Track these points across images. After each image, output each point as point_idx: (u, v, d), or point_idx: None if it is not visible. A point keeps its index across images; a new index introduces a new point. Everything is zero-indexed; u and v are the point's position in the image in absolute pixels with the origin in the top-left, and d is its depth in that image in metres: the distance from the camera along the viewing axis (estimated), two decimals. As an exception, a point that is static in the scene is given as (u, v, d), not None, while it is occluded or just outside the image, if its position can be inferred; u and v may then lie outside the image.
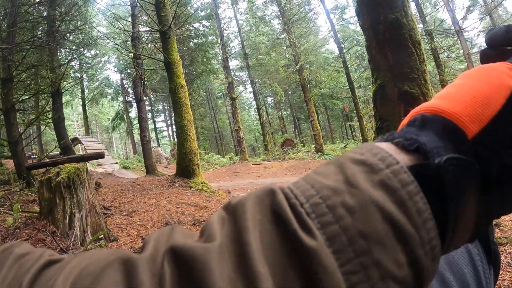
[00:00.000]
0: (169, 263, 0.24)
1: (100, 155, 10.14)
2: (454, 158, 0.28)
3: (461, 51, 18.45)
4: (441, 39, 21.14)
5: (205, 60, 26.48)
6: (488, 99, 0.31)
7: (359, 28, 24.69)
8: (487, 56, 0.46)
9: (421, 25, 18.07)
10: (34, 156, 16.52)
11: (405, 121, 0.35)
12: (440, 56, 18.64)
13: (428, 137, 0.30)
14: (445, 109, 0.31)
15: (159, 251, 0.25)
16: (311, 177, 0.29)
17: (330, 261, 0.23)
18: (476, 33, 22.48)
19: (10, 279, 0.26)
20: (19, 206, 5.17)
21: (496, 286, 2.45)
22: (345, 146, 24.92)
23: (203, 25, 27.37)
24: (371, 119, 24.19)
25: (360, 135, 23.56)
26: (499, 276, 2.50)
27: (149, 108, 35.52)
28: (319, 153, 21.49)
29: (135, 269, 0.24)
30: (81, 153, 21.78)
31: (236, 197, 0.29)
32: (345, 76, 23.48)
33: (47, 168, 5.63)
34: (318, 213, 0.25)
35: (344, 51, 24.22)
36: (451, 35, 19.69)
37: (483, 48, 0.47)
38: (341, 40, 24.91)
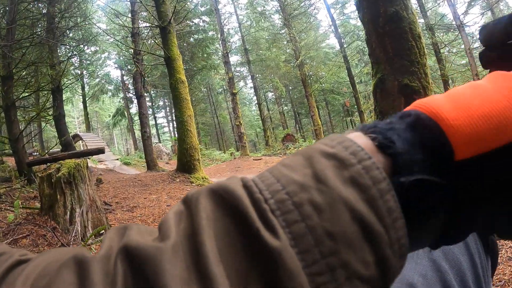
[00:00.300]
0: (122, 262, 0.23)
1: (100, 150, 10.15)
2: (424, 180, 0.26)
3: (462, 46, 18.38)
4: (442, 34, 21.09)
5: (205, 55, 26.42)
6: (503, 123, 0.26)
7: (360, 23, 24.64)
8: (489, 60, 0.40)
9: (422, 20, 18.02)
10: (35, 153, 16.53)
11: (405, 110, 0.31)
12: (441, 51, 18.60)
13: (408, 145, 0.28)
14: (445, 117, 0.27)
15: (113, 250, 0.25)
16: (277, 169, 0.27)
17: (294, 263, 0.22)
18: (477, 28, 22.34)
19: None
20: (20, 203, 5.18)
21: (496, 280, 2.45)
22: (346, 141, 24.88)
23: (203, 21, 27.28)
24: (372, 114, 24.16)
25: (361, 130, 23.46)
26: (500, 270, 2.50)
27: (150, 104, 35.46)
28: (320, 148, 21.45)
29: (88, 269, 0.23)
30: (82, 149, 21.82)
31: (194, 191, 0.28)
32: (346, 71, 23.44)
33: (48, 164, 5.64)
34: (283, 210, 0.24)
35: (345, 46, 24.14)
36: (452, 30, 19.64)
37: (482, 49, 0.41)
38: (341, 35, 24.85)
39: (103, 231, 4.81)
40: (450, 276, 0.61)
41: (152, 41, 17.01)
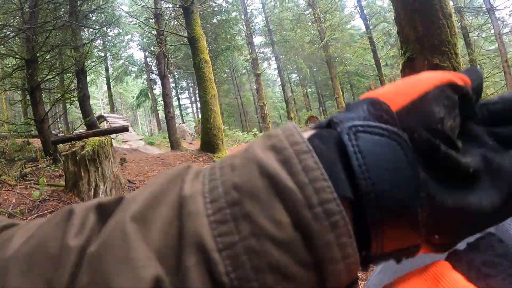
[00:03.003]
0: (93, 213, 0.27)
1: (125, 128, 10.26)
2: (364, 125, 0.27)
3: (492, 31, 17.75)
4: (471, 18, 20.45)
5: (228, 36, 26.27)
6: (415, 83, 0.31)
7: (386, 4, 24.22)
8: None
9: (451, 2, 17.46)
10: (61, 134, 16.84)
11: None
12: (470, 35, 18.02)
13: (345, 114, 0.29)
14: (374, 94, 0.31)
15: (91, 205, 0.28)
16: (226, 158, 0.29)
17: (201, 207, 0.24)
18: (508, 12, 21.66)
19: None
20: (45, 180, 5.28)
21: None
22: (370, 124, 24.54)
23: (226, 1, 27.08)
24: (397, 96, 23.62)
25: (386, 113, 23.15)
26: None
27: (173, 85, 35.64)
28: (344, 130, 21.24)
29: (72, 213, 0.27)
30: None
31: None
32: (372, 53, 23.00)
33: (72, 142, 5.71)
34: (211, 178, 0.26)
35: (371, 27, 23.65)
36: (481, 14, 19.01)
37: None
38: (367, 16, 24.30)
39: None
40: None
41: (175, 22, 16.99)
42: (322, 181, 0.24)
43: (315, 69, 37.35)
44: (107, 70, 30.23)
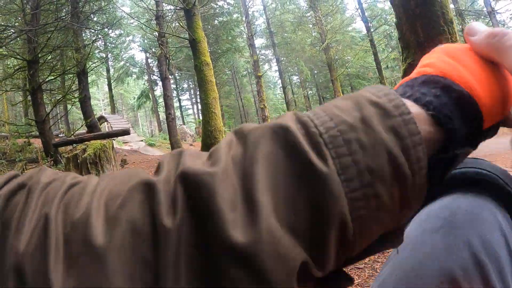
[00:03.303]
0: (180, 186, 0.27)
1: (125, 132, 10.28)
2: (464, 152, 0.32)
3: (493, 34, 17.75)
4: (472, 20, 20.43)
5: (230, 38, 26.29)
6: (506, 106, 0.34)
7: (387, 7, 24.21)
8: None
9: (452, 5, 17.49)
10: (61, 135, 16.86)
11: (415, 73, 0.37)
12: (471, 38, 18.02)
13: (459, 122, 0.33)
14: (479, 95, 0.33)
15: (171, 174, 0.29)
16: (329, 109, 0.31)
17: (339, 187, 0.27)
18: (509, 16, 21.70)
19: (41, 205, 0.29)
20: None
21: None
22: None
23: (228, 3, 27.09)
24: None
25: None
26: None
27: (174, 86, 35.67)
28: (344, 133, 21.20)
29: (154, 190, 0.27)
30: (107, 130, 22.12)
31: (249, 125, 0.32)
32: (373, 56, 23.02)
33: (74, 145, 5.73)
34: (335, 144, 0.28)
35: (372, 30, 23.68)
36: (482, 17, 19.08)
37: None
38: (368, 18, 24.35)
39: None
40: (490, 271, 0.58)
41: (177, 24, 17.01)
42: (424, 169, 0.30)
43: (316, 71, 37.34)
44: (108, 71, 30.23)
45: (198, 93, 12.88)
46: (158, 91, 35.83)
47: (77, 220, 0.27)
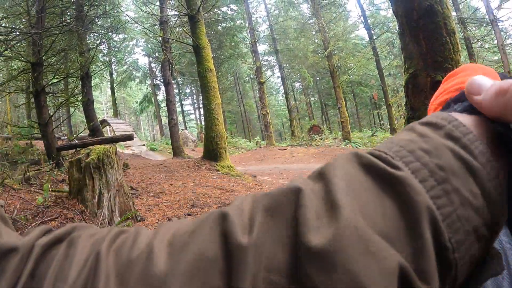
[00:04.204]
0: (259, 213, 0.28)
1: (129, 137, 10.32)
2: None
3: (495, 42, 17.84)
4: (474, 28, 20.53)
5: (233, 44, 26.42)
6: None
7: (390, 14, 24.29)
8: None
9: (454, 13, 17.53)
10: (64, 138, 16.92)
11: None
12: (473, 46, 18.09)
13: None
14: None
15: (245, 205, 0.30)
16: (387, 140, 0.33)
17: (419, 186, 0.28)
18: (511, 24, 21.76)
19: (88, 251, 0.28)
20: (49, 186, 5.31)
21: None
22: (372, 135, 24.40)
23: (231, 9, 27.23)
24: (400, 108, 23.76)
25: (388, 124, 23.23)
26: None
27: (177, 91, 35.75)
28: (346, 140, 21.25)
29: (227, 214, 0.28)
30: (109, 134, 22.17)
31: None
32: (375, 63, 23.11)
33: (77, 149, 5.76)
34: (400, 155, 0.30)
35: (374, 37, 23.79)
36: (485, 25, 19.12)
37: None
38: (371, 26, 24.45)
39: (130, 216, 4.91)
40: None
41: (181, 29, 17.10)
42: (493, 162, 0.31)
43: (318, 78, 37.43)
44: (111, 74, 30.40)
45: (200, 98, 12.94)
46: (161, 95, 36.03)
47: (136, 257, 0.27)
